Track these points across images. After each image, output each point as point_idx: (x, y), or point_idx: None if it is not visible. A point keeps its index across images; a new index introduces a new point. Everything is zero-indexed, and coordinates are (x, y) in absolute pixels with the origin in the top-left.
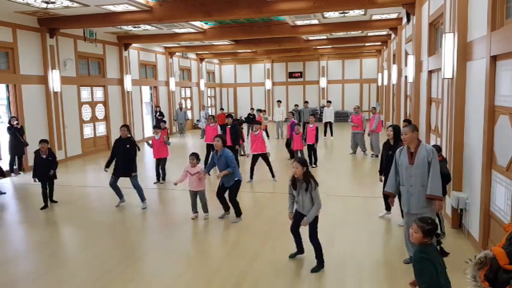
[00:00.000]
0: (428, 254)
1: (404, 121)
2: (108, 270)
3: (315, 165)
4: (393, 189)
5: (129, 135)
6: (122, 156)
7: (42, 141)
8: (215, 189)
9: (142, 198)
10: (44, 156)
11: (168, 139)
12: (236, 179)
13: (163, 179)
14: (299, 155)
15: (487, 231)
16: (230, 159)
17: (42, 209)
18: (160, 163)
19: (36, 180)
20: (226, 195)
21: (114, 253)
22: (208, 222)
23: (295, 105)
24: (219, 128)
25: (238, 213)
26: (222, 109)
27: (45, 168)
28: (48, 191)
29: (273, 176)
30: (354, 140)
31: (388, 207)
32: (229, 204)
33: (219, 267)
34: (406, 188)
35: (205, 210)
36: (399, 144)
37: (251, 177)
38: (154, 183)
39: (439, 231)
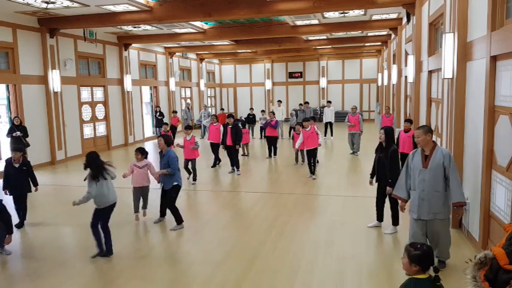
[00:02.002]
0: None
1: (405, 121)
2: (108, 270)
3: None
4: (404, 194)
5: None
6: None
7: (14, 149)
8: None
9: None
10: (17, 166)
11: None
12: (175, 183)
13: (195, 179)
14: (299, 155)
15: (487, 232)
16: (172, 159)
17: (16, 226)
18: (191, 163)
19: (7, 192)
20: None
21: (114, 253)
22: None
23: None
24: (221, 127)
25: (179, 220)
26: (222, 109)
27: (17, 180)
28: (21, 211)
29: (313, 171)
30: (352, 140)
31: (380, 218)
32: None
33: (218, 266)
34: (418, 193)
35: (146, 206)
36: (391, 147)
37: (313, 173)
38: (192, 183)
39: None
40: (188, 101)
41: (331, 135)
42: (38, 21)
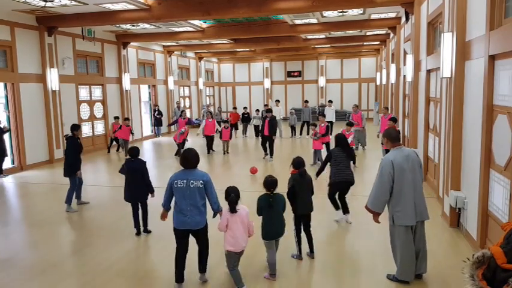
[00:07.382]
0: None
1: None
2: (106, 269)
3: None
4: None
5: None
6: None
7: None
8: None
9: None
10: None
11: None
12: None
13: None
14: (316, 154)
15: (485, 230)
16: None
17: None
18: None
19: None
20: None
21: (113, 252)
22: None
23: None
24: (216, 123)
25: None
26: (220, 108)
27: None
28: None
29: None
30: (357, 137)
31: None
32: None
33: (218, 266)
34: None
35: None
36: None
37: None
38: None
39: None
40: (179, 99)
41: (330, 134)
42: (36, 20)
